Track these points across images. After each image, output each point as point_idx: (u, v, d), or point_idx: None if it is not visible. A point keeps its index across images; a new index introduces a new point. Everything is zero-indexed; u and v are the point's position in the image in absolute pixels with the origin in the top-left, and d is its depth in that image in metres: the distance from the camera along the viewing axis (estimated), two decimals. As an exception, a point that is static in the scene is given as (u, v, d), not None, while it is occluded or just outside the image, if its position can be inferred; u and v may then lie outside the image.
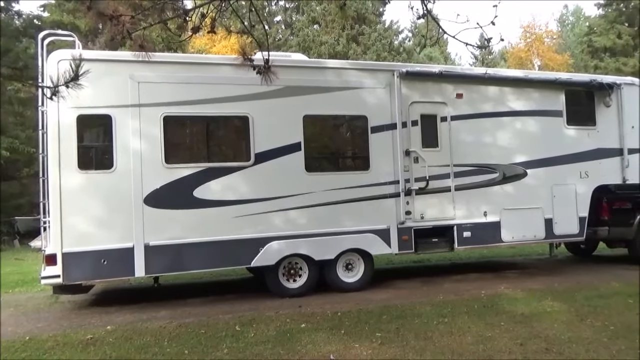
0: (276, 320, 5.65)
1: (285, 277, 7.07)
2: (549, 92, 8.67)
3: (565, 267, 9.51)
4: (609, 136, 8.96)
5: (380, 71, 7.77)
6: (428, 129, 7.82)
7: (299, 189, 7.01)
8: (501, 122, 8.33)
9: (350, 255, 7.35)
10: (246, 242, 6.71)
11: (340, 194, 7.19)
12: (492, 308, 6.05)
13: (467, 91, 8.11)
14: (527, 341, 4.79)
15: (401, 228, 7.50)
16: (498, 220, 8.07)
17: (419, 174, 7.64)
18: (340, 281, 7.30)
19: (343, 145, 7.81)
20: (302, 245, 6.97)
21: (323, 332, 5.20)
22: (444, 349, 4.60)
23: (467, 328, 5.23)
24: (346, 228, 7.20)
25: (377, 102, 7.57)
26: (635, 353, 4.43)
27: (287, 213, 6.94)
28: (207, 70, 6.92)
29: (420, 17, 5.01)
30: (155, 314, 6.22)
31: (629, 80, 9.46)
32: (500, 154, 8.23)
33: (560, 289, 7.10)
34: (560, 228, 8.47)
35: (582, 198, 8.67)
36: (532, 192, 8.36)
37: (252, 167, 6.85)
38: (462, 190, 7.90)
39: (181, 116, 6.73)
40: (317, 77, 7.38)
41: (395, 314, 5.83)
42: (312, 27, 25.94)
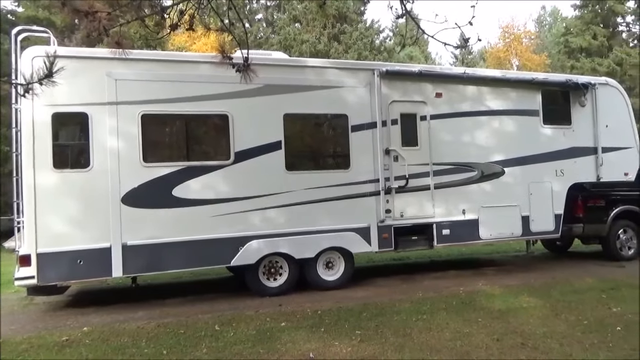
0: (256, 319, 5.64)
1: (266, 276, 7.06)
2: (526, 91, 8.81)
3: (542, 264, 9.69)
4: (584, 135, 9.15)
5: (361, 70, 7.80)
6: (408, 128, 7.88)
7: (279, 187, 7.00)
8: (479, 121, 8.44)
9: (331, 253, 7.37)
10: (226, 241, 6.67)
11: (320, 193, 7.21)
12: (470, 304, 6.14)
13: (446, 90, 8.20)
14: (504, 336, 4.87)
15: (381, 226, 7.55)
16: (476, 218, 8.18)
17: (398, 173, 7.70)
18: (320, 279, 7.31)
19: (323, 143, 7.81)
20: (282, 244, 6.96)
21: (303, 330, 5.21)
22: (423, 346, 4.66)
23: (445, 324, 5.30)
24: (326, 226, 7.22)
25: (357, 101, 7.60)
26: (607, 347, 4.54)
27: (267, 212, 6.92)
28: (186, 68, 6.85)
29: (399, 17, 5.03)
30: (133, 315, 6.14)
31: (603, 81, 9.67)
32: (479, 152, 8.34)
33: (536, 285, 7.24)
34: (536, 225, 8.62)
35: (557, 196, 8.84)
36: (510, 190, 8.49)
37: (231, 166, 6.81)
38: (441, 188, 7.98)
39: (159, 114, 6.64)
40: (298, 76, 7.37)
41: (375, 312, 5.87)
42: (293, 25, 25.88)
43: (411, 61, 28.75)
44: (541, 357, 4.33)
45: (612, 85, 9.61)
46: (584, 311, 5.74)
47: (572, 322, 5.35)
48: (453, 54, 44.84)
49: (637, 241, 9.71)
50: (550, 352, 4.45)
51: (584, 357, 4.32)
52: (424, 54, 37.99)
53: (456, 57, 43.54)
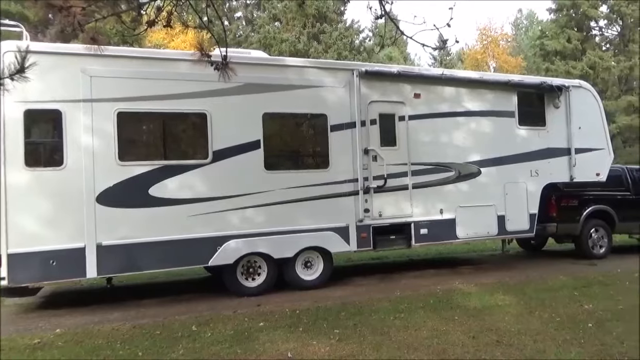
0: (234, 320, 5.60)
1: (244, 275, 7.02)
2: (502, 93, 8.95)
3: (517, 262, 9.88)
4: (558, 136, 9.33)
5: (340, 70, 7.82)
6: (386, 128, 7.92)
7: (258, 187, 6.97)
8: (457, 122, 8.54)
9: (310, 253, 7.37)
10: (204, 241, 6.61)
11: (299, 192, 7.20)
12: (447, 303, 6.21)
13: (424, 91, 8.27)
14: (479, 334, 4.94)
15: (360, 226, 7.58)
16: (453, 217, 8.29)
17: (377, 173, 7.74)
18: (299, 279, 7.30)
19: (303, 143, 7.80)
20: (261, 243, 6.93)
21: (281, 330, 5.20)
22: (400, 344, 4.69)
23: (422, 323, 5.35)
24: (305, 226, 7.22)
25: (336, 100, 7.61)
26: (578, 343, 4.65)
27: (245, 211, 6.88)
28: (164, 65, 6.74)
29: (378, 18, 5.06)
30: (108, 316, 6.03)
31: (577, 83, 9.89)
32: (456, 153, 8.44)
33: (511, 283, 7.37)
34: (512, 224, 8.77)
35: (532, 196, 9.01)
36: (486, 190, 8.62)
37: (210, 165, 6.75)
38: (419, 188, 8.06)
39: (136, 112, 6.54)
40: (277, 75, 7.34)
41: (353, 311, 5.89)
42: (273, 24, 25.78)
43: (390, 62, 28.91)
44: (515, 354, 4.40)
45: (585, 88, 9.83)
46: (557, 308, 5.86)
47: (545, 319, 5.46)
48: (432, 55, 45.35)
49: (608, 240, 10.00)
50: (524, 348, 4.53)
51: (556, 353, 4.41)
52: (403, 54, 38.27)
53: (435, 58, 44.02)
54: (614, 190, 10.27)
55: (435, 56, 44.39)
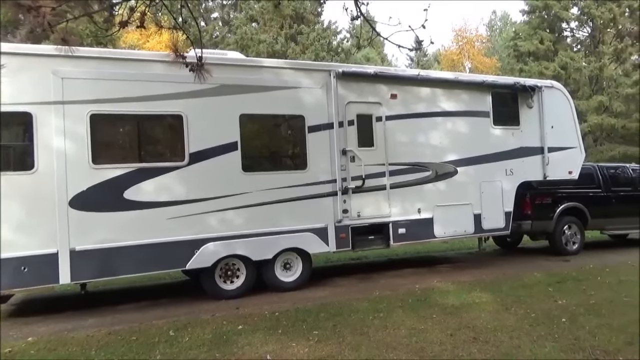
0: (212, 323, 5.54)
1: (222, 278, 6.95)
2: (477, 93, 9.08)
3: (493, 260, 10.04)
4: (531, 136, 9.51)
5: (317, 71, 7.82)
6: (364, 129, 7.96)
7: (235, 189, 6.92)
8: (433, 122, 8.63)
9: (288, 254, 7.35)
10: (181, 244, 6.53)
11: (277, 194, 7.17)
12: (425, 301, 6.27)
13: (401, 92, 8.34)
14: (457, 331, 5.00)
15: (338, 226, 7.59)
16: (431, 216, 8.37)
17: (355, 173, 7.76)
18: (278, 281, 7.28)
19: (280, 144, 7.77)
20: (239, 246, 6.88)
21: (260, 332, 5.17)
22: (379, 343, 4.71)
23: (401, 322, 5.39)
24: (284, 227, 7.19)
25: (314, 101, 7.61)
26: (553, 338, 4.75)
27: (223, 213, 6.82)
28: (138, 67, 6.63)
29: (354, 19, 5.08)
30: (83, 323, 5.90)
31: (549, 83, 10.09)
32: (433, 153, 8.53)
33: (488, 281, 7.48)
34: (488, 223, 8.91)
35: (507, 194, 9.16)
36: (462, 189, 8.74)
37: (186, 167, 6.67)
38: (397, 188, 8.12)
39: (110, 114, 6.41)
40: (254, 76, 7.30)
41: (332, 312, 5.89)
42: (250, 25, 25.64)
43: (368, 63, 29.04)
44: (492, 350, 4.46)
45: (557, 88, 10.05)
46: (532, 304, 5.98)
47: (521, 315, 5.56)
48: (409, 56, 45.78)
49: (580, 236, 10.25)
50: (500, 345, 4.60)
51: (531, 348, 4.49)
52: (381, 55, 38.50)
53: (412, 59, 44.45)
54: (586, 187, 10.52)
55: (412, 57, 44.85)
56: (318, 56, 22.80)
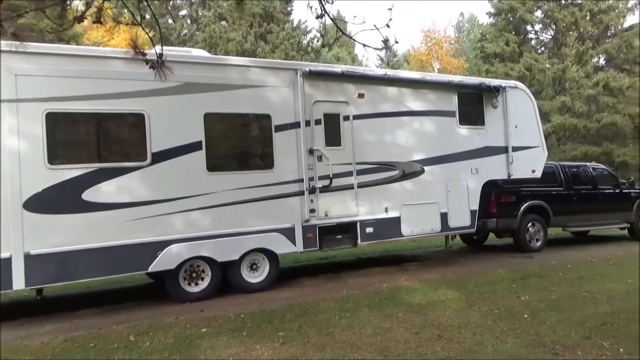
0: (175, 327, 5.41)
1: (187, 281, 6.80)
2: (443, 93, 9.17)
3: (460, 257, 10.18)
4: (496, 135, 9.68)
5: (284, 70, 7.74)
6: (331, 128, 7.93)
7: (200, 189, 6.78)
8: (400, 122, 8.67)
9: (255, 255, 7.25)
10: (143, 246, 6.34)
11: (243, 194, 7.06)
12: (391, 300, 6.29)
13: (368, 91, 8.35)
14: (422, 329, 5.02)
15: (306, 226, 7.54)
16: (398, 215, 8.41)
17: (322, 172, 7.73)
18: (245, 282, 7.17)
19: (246, 144, 7.64)
20: (204, 247, 6.74)
21: (224, 335, 5.07)
22: (344, 343, 4.68)
23: (367, 321, 5.38)
24: (250, 228, 7.09)
25: (280, 100, 7.54)
26: (514, 334, 4.81)
27: (187, 214, 6.67)
28: (97, 63, 6.40)
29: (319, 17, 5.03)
30: (39, 330, 5.66)
31: (513, 84, 10.30)
32: (400, 152, 8.57)
33: (454, 278, 7.57)
34: (454, 221, 9.01)
35: (473, 193, 9.29)
36: (429, 188, 8.81)
37: (148, 167, 6.49)
38: (364, 187, 8.12)
39: (67, 113, 6.17)
40: (219, 74, 7.17)
41: (298, 312, 5.84)
42: (219, 23, 25.32)
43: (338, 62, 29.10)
44: (455, 347, 4.49)
45: (521, 89, 10.25)
46: (496, 301, 6.07)
47: (484, 312, 5.63)
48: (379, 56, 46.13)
49: (543, 233, 10.50)
50: (464, 342, 4.63)
51: (493, 344, 4.54)
52: (351, 55, 38.68)
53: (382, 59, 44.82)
54: (549, 186, 10.79)
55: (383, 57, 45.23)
56: (288, 55, 22.69)
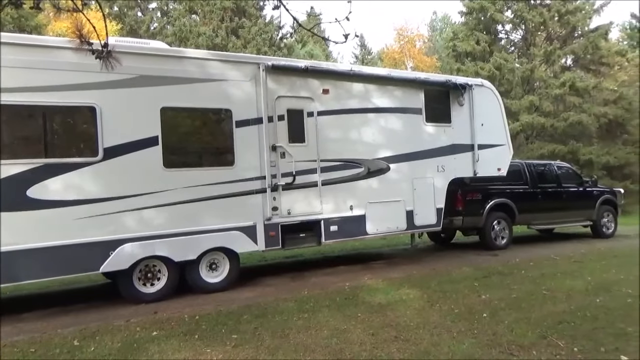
0: (124, 330, 5.17)
1: (142, 281, 6.54)
2: (410, 90, 9.10)
3: (426, 255, 10.16)
4: (462, 133, 9.67)
5: (245, 63, 7.51)
6: (295, 124, 7.76)
7: (156, 186, 6.52)
8: (366, 119, 8.57)
9: (215, 254, 7.03)
10: (94, 245, 6.05)
11: (202, 191, 6.84)
12: (352, 300, 6.17)
13: (333, 87, 8.21)
14: (379, 330, 4.91)
15: (268, 224, 7.36)
16: (363, 213, 8.31)
17: (285, 169, 7.56)
18: (203, 282, 6.95)
19: (205, 139, 7.37)
20: (160, 246, 6.49)
21: (175, 339, 4.85)
22: (298, 346, 4.53)
23: (325, 322, 5.24)
24: (209, 226, 6.87)
25: (242, 95, 7.32)
26: (472, 334, 4.75)
27: (142, 212, 6.41)
28: (44, 53, 6.04)
29: (275, 8, 4.87)
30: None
31: (479, 82, 10.30)
32: (365, 149, 8.47)
33: (418, 277, 7.51)
34: (420, 219, 8.97)
35: (439, 190, 9.26)
36: (395, 185, 8.74)
37: (100, 163, 6.20)
38: (328, 185, 7.99)
39: (11, 105, 5.80)
40: (177, 67, 6.91)
41: (256, 313, 5.67)
42: (189, 17, 24.80)
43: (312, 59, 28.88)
44: (411, 349, 4.39)
45: (487, 87, 10.28)
46: (457, 300, 6.01)
47: (444, 311, 5.56)
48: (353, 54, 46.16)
49: (509, 231, 10.58)
50: (420, 343, 4.54)
51: (450, 345, 4.46)
52: (325, 52, 38.52)
53: (356, 57, 44.84)
54: (514, 184, 10.88)
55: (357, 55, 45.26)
56: (260, 51, 22.38)
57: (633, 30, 30.83)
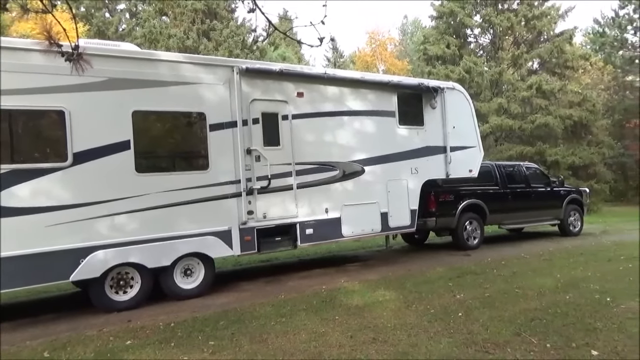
0: (97, 340, 5.03)
1: (114, 289, 6.39)
2: (383, 93, 9.19)
3: (401, 257, 10.26)
4: (435, 135, 9.81)
5: (219, 67, 7.44)
6: (269, 127, 7.73)
7: (128, 191, 6.39)
8: (341, 122, 8.60)
9: (189, 259, 6.93)
10: (63, 253, 5.88)
11: (176, 196, 6.74)
12: (330, 302, 6.18)
13: (307, 90, 8.21)
14: (357, 332, 4.92)
15: (243, 228, 7.30)
16: (339, 216, 8.34)
17: (260, 173, 7.52)
18: (178, 288, 6.84)
19: (179, 143, 7.27)
20: (132, 253, 6.36)
21: (150, 347, 4.76)
22: (277, 351, 4.51)
23: (303, 326, 5.23)
24: (183, 232, 6.77)
25: (216, 98, 7.26)
26: (448, 333, 4.82)
27: (114, 218, 6.26)
28: (10, 55, 5.84)
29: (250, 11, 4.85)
30: (-60, 349, 5.12)
31: (451, 85, 10.49)
32: (340, 152, 8.50)
33: (393, 278, 7.57)
34: (394, 221, 9.05)
35: (413, 192, 9.37)
36: (370, 188, 8.80)
37: (70, 168, 6.03)
38: (304, 188, 7.98)
39: (-25, 109, 5.63)
40: (149, 70, 6.79)
41: (233, 318, 5.62)
42: (159, 18, 24.42)
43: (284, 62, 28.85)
44: (389, 350, 4.42)
45: (458, 90, 10.46)
46: (432, 300, 6.09)
47: (420, 312, 5.62)
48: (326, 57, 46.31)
49: (480, 231, 10.78)
50: (398, 344, 4.58)
51: (427, 345, 4.51)
52: (297, 55, 38.53)
53: (329, 60, 44.99)
54: (485, 185, 11.10)
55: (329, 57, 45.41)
56: (232, 53, 22.21)
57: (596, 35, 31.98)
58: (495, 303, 5.84)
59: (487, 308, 5.64)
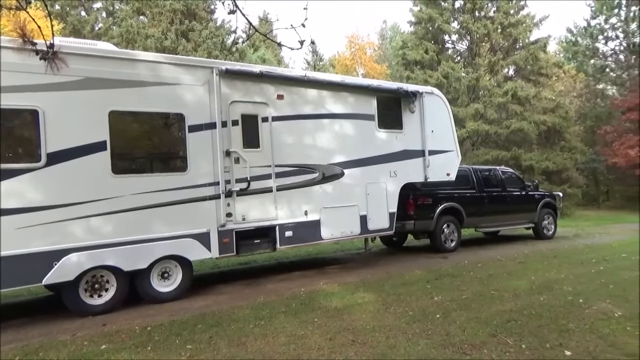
0: (71, 345, 4.92)
1: (89, 292, 6.25)
2: (363, 97, 9.24)
3: (379, 259, 10.31)
4: (413, 139, 9.92)
5: (198, 67, 7.36)
6: (249, 129, 7.70)
7: (104, 193, 6.27)
8: (320, 124, 8.62)
9: (167, 262, 6.83)
10: (35, 256, 5.73)
11: (154, 197, 6.64)
12: (309, 305, 6.17)
13: (287, 93, 8.21)
14: (336, 335, 4.93)
15: (222, 231, 7.24)
16: (318, 218, 8.34)
17: (240, 175, 7.47)
18: (155, 292, 6.74)
19: (157, 144, 7.17)
20: (108, 255, 6.23)
21: (126, 352, 4.67)
22: (255, 354, 4.48)
23: (282, 328, 5.21)
24: (161, 234, 6.67)
25: (195, 99, 7.19)
26: (426, 335, 4.86)
27: (89, 220, 6.14)
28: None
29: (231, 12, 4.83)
30: None
31: (429, 90, 10.61)
32: (320, 154, 8.51)
33: (372, 280, 7.61)
34: (373, 223, 9.10)
35: (391, 195, 9.44)
36: (349, 190, 8.83)
37: (43, 169, 5.89)
38: (283, 190, 7.96)
39: (-57, 107, 5.45)
40: (127, 70, 6.68)
41: (211, 322, 5.55)
42: (137, 18, 24.08)
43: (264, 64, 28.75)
44: (368, 352, 4.44)
45: (437, 94, 10.60)
46: (411, 302, 6.14)
47: (399, 314, 5.66)
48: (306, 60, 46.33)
49: (457, 234, 10.92)
50: (377, 345, 4.60)
51: (405, 347, 4.54)
52: (277, 57, 38.47)
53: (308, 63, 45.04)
54: (462, 188, 11.26)
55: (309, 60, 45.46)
56: (211, 54, 22.02)
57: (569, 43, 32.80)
58: (472, 305, 5.92)
59: (464, 310, 5.71)
